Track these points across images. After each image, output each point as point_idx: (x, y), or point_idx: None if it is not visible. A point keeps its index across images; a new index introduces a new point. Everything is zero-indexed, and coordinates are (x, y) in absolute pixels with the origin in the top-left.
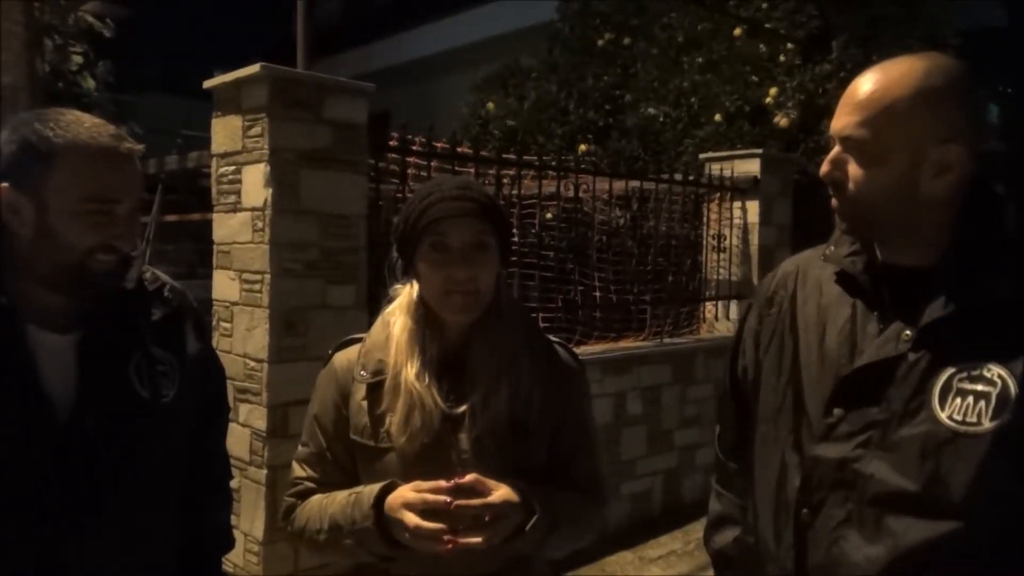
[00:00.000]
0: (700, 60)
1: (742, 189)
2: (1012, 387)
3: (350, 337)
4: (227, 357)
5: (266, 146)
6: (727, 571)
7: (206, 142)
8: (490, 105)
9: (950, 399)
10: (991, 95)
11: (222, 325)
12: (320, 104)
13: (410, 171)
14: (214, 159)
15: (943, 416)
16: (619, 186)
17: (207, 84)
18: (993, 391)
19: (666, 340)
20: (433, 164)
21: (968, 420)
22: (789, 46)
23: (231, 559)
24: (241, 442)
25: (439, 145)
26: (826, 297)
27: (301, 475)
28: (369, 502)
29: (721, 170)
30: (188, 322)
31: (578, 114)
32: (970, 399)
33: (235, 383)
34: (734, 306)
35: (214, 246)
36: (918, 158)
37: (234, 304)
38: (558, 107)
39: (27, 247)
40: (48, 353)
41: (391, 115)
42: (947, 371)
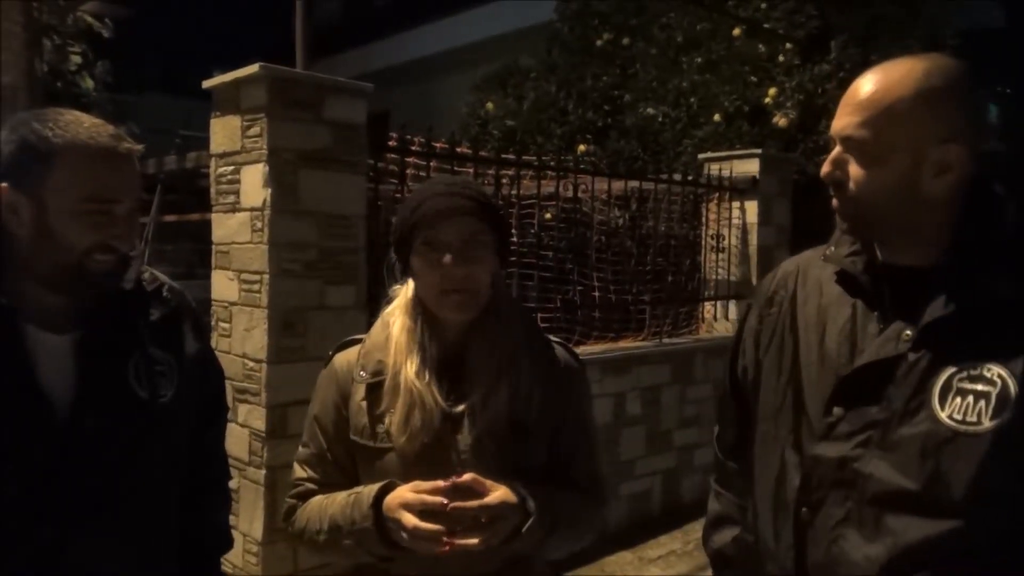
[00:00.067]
0: (699, 60)
1: (741, 189)
2: (1012, 387)
3: (350, 338)
4: (226, 357)
5: (265, 146)
6: (726, 571)
7: (205, 142)
8: (489, 105)
9: (950, 399)
10: (991, 95)
11: (221, 325)
12: (319, 104)
13: (409, 171)
14: (213, 159)
15: (943, 415)
16: (618, 186)
17: (206, 84)
18: (993, 391)
19: (665, 340)
20: (432, 164)
21: (968, 420)
22: (788, 46)
23: (230, 559)
24: (240, 442)
25: (438, 145)
26: (826, 297)
27: (302, 476)
28: (368, 502)
29: (720, 170)
30: (187, 322)
31: (577, 114)
32: (970, 399)
33: (234, 383)
34: (733, 306)
35: (213, 246)
36: (918, 158)
37: (233, 304)
38: (557, 107)
39: (26, 247)
40: (47, 353)
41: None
42: (947, 371)
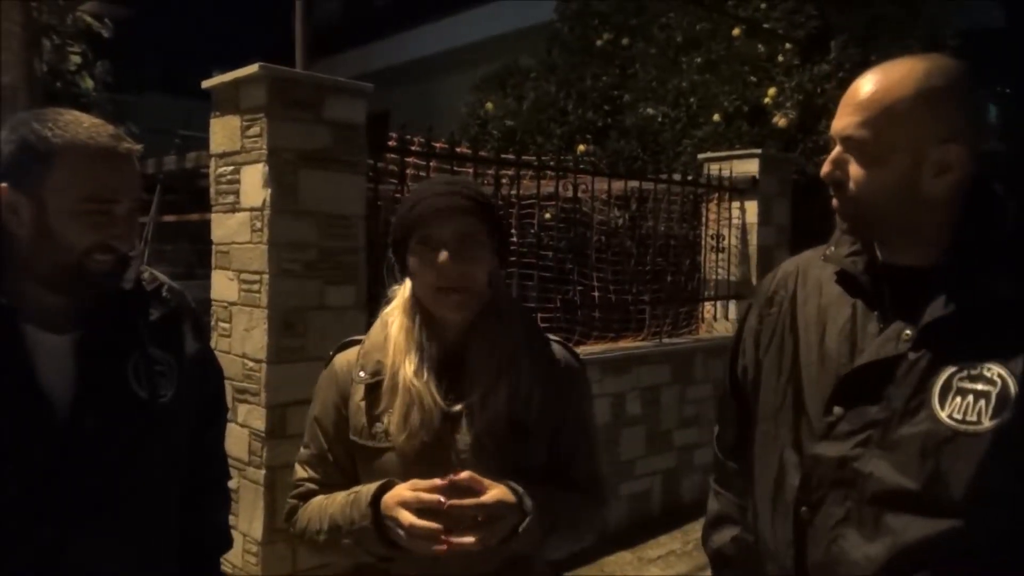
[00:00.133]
0: (699, 60)
1: (741, 189)
2: (1012, 386)
3: (350, 339)
4: (226, 357)
5: (265, 146)
6: (725, 570)
7: (204, 142)
8: (489, 105)
9: (950, 398)
10: (991, 95)
11: (221, 325)
12: (319, 104)
13: (409, 171)
14: (212, 159)
15: (943, 415)
16: (618, 186)
17: (206, 84)
18: (993, 390)
19: (665, 340)
20: (432, 164)
21: (968, 419)
22: (788, 46)
23: (229, 559)
24: (240, 442)
25: (438, 145)
26: (826, 297)
27: (303, 477)
28: (366, 501)
29: (720, 170)
30: (186, 322)
31: (577, 114)
32: (970, 398)
33: (234, 383)
34: (733, 306)
35: (213, 246)
36: (919, 158)
37: (233, 304)
38: (557, 107)
39: (26, 247)
40: (46, 353)
41: (391, 115)
42: (947, 370)
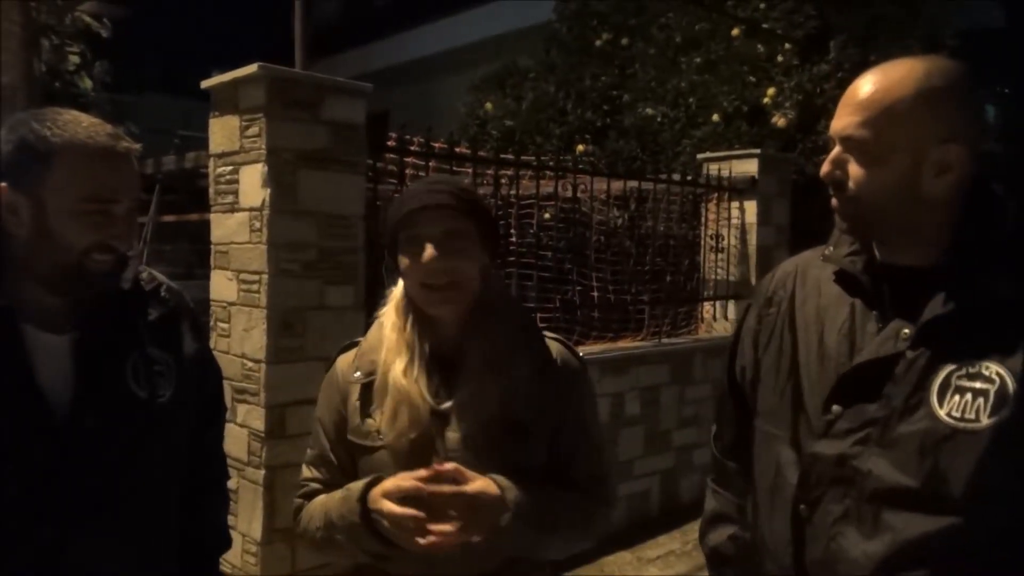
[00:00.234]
0: (698, 60)
1: (740, 189)
2: (1010, 384)
3: (352, 341)
4: (225, 357)
5: (264, 146)
6: (721, 568)
7: (204, 142)
8: (488, 105)
9: (949, 396)
10: (991, 95)
11: (220, 325)
12: (318, 104)
13: (408, 171)
14: (212, 159)
15: (942, 413)
16: (617, 186)
17: (205, 84)
18: (992, 388)
19: (664, 340)
20: (431, 164)
21: (967, 417)
22: (787, 46)
23: (229, 559)
24: (239, 442)
25: (437, 145)
26: (825, 297)
27: (308, 477)
28: (355, 496)
29: (719, 170)
30: (185, 322)
31: (576, 114)
32: (969, 396)
33: (233, 383)
34: (732, 306)
35: (212, 246)
36: (919, 158)
37: (232, 304)
38: (556, 107)
39: (25, 247)
40: (45, 353)
41: (390, 115)
42: (946, 368)
